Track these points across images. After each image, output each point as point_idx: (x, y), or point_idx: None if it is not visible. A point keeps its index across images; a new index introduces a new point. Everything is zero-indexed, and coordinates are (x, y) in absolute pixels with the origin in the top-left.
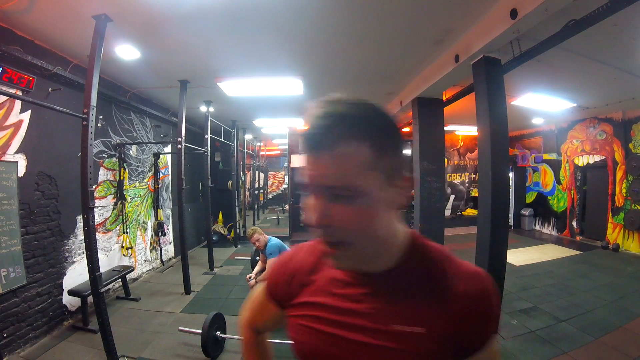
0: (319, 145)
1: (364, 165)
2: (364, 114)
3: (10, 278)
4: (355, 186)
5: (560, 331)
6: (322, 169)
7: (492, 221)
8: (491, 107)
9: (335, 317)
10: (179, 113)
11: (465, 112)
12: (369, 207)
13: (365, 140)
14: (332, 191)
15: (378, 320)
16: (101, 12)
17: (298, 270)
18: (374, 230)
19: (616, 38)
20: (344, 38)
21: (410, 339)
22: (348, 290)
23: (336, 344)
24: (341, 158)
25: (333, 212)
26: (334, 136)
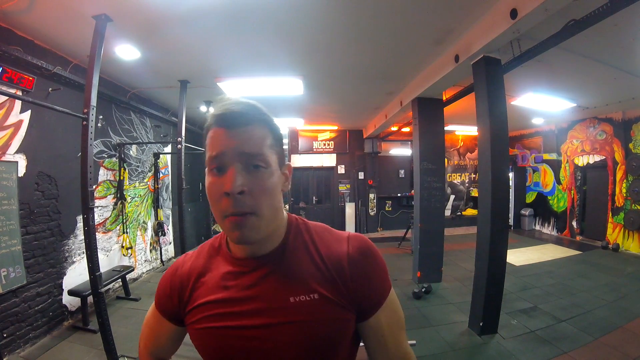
0: (238, 122)
1: (268, 144)
2: (261, 109)
3: (10, 278)
4: (266, 156)
5: (560, 331)
6: (240, 140)
7: (492, 221)
8: (491, 107)
9: (232, 308)
10: (179, 113)
11: (465, 112)
12: (272, 179)
13: (268, 126)
14: (249, 159)
15: (275, 299)
16: (101, 12)
17: (188, 276)
18: (275, 202)
19: (616, 38)
20: (344, 38)
21: (309, 308)
22: (241, 280)
23: (238, 335)
24: (255, 133)
25: (248, 180)
26: (249, 117)
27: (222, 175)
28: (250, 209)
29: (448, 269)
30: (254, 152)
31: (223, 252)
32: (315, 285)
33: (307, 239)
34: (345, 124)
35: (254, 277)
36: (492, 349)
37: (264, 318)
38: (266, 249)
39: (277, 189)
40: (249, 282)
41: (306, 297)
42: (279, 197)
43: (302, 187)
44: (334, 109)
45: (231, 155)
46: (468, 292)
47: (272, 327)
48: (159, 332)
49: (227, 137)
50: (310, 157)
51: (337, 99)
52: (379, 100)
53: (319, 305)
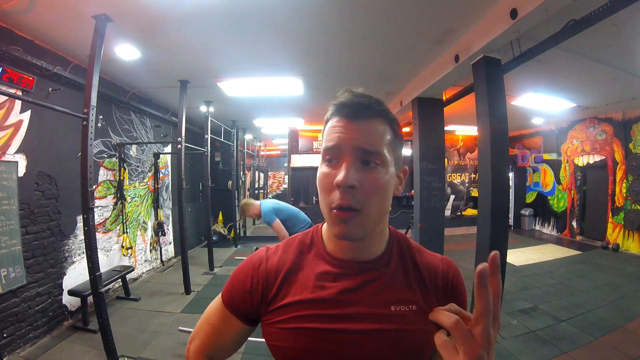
0: (359, 114)
1: (387, 142)
2: (385, 105)
3: (10, 278)
4: (383, 155)
5: (560, 331)
6: (359, 133)
7: (492, 221)
8: (491, 107)
9: (329, 311)
10: (179, 113)
11: (465, 112)
12: (385, 179)
13: (390, 124)
14: (365, 155)
15: (376, 305)
16: (101, 12)
17: (275, 272)
18: (385, 204)
19: (616, 38)
20: (344, 38)
21: (407, 318)
22: (341, 282)
23: (333, 339)
24: (376, 129)
25: (360, 175)
26: (373, 111)
27: (335, 166)
28: (358, 205)
29: None
30: (372, 149)
31: (318, 250)
32: (414, 297)
33: (407, 252)
34: None
35: (356, 281)
36: None
37: (364, 324)
38: (371, 254)
39: (388, 189)
40: (350, 286)
41: (406, 307)
42: (389, 199)
43: (302, 187)
44: None
45: (348, 148)
46: (468, 292)
47: (371, 334)
48: (223, 331)
49: (347, 128)
50: (310, 157)
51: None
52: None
53: (416, 316)
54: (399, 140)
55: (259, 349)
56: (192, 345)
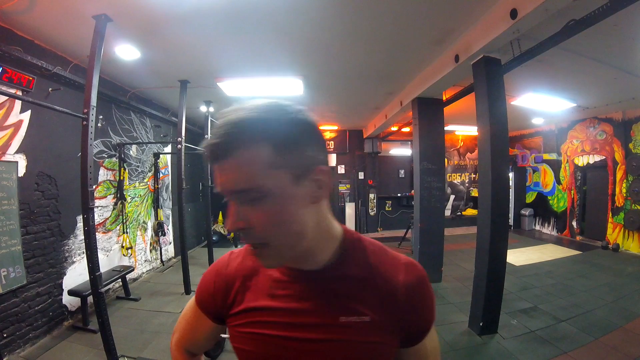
0: (220, 154)
1: (266, 165)
2: (263, 117)
3: (10, 278)
4: (259, 187)
5: (560, 331)
6: (227, 175)
7: (492, 221)
8: (491, 107)
9: (280, 318)
10: (179, 113)
11: (465, 112)
12: (279, 205)
13: (265, 141)
14: (241, 195)
15: (325, 315)
16: (101, 12)
17: (233, 278)
18: (290, 228)
19: (616, 38)
20: (344, 38)
21: (358, 329)
22: (290, 290)
23: (285, 346)
24: (242, 162)
25: (245, 214)
26: (233, 143)
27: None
28: (260, 240)
29: (448, 269)
30: (244, 188)
31: None
32: (367, 308)
33: (362, 259)
34: (345, 124)
35: (304, 290)
36: (492, 349)
37: (312, 333)
38: (317, 263)
39: (288, 213)
40: (298, 294)
41: (357, 319)
42: (296, 220)
43: None
44: (334, 109)
45: (225, 193)
46: (468, 292)
47: (320, 343)
48: (196, 327)
49: (217, 173)
50: None
51: (337, 99)
52: (379, 100)
53: (368, 327)
54: (289, 149)
55: None
56: (173, 338)
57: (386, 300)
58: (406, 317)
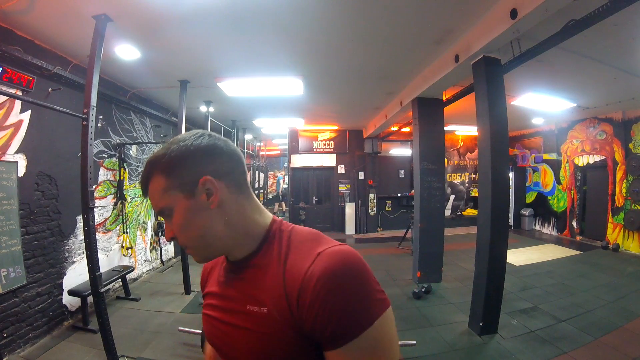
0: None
1: (162, 190)
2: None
3: (10, 278)
4: (163, 207)
5: (560, 331)
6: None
7: (492, 221)
8: (491, 107)
9: (219, 302)
10: (179, 113)
11: (465, 112)
12: (181, 216)
13: (158, 173)
14: (159, 214)
15: (240, 302)
16: (101, 12)
17: (211, 266)
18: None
19: (616, 38)
20: (344, 38)
21: (257, 319)
22: (227, 277)
23: (218, 327)
24: (151, 193)
25: (169, 227)
26: (143, 180)
27: None
28: (182, 244)
29: (448, 269)
30: (157, 210)
31: None
32: (267, 299)
33: (280, 249)
34: (345, 124)
35: (232, 278)
36: (492, 349)
37: (232, 318)
38: (240, 254)
39: (192, 223)
40: (229, 282)
41: (258, 309)
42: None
43: (302, 187)
44: (334, 109)
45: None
46: (468, 292)
47: (235, 328)
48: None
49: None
50: (310, 157)
51: (337, 99)
52: (379, 100)
53: (266, 319)
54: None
55: None
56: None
57: (286, 292)
58: (306, 315)
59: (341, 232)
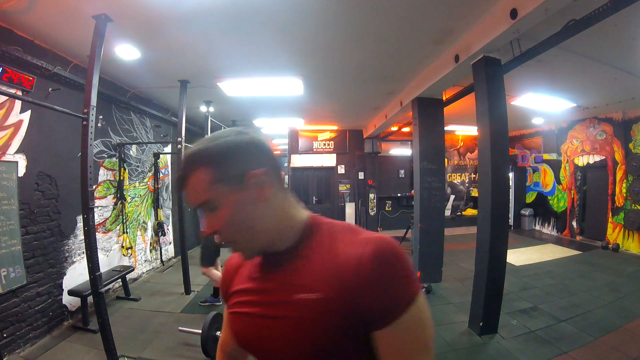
0: (182, 185)
1: (210, 182)
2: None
3: (10, 278)
4: (208, 199)
5: (560, 331)
6: (189, 195)
7: (492, 221)
8: (491, 107)
9: (253, 297)
10: (179, 113)
11: (465, 112)
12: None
13: (204, 165)
14: (201, 207)
15: (283, 293)
16: (101, 12)
17: (236, 264)
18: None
19: (616, 38)
20: (344, 38)
21: (308, 306)
22: (263, 273)
23: (256, 323)
24: (193, 185)
25: (211, 221)
26: (186, 172)
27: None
28: (227, 239)
29: (448, 269)
30: (200, 202)
31: None
32: (319, 285)
33: (324, 239)
34: (345, 124)
35: (271, 271)
36: (492, 349)
37: (272, 310)
38: (280, 247)
39: (239, 216)
40: (267, 276)
41: (306, 296)
42: (249, 218)
43: (302, 187)
44: (334, 109)
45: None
46: (468, 292)
47: (277, 320)
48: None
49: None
50: (310, 157)
51: (337, 99)
52: (379, 100)
53: (318, 305)
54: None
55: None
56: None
57: (339, 277)
58: (360, 296)
59: None
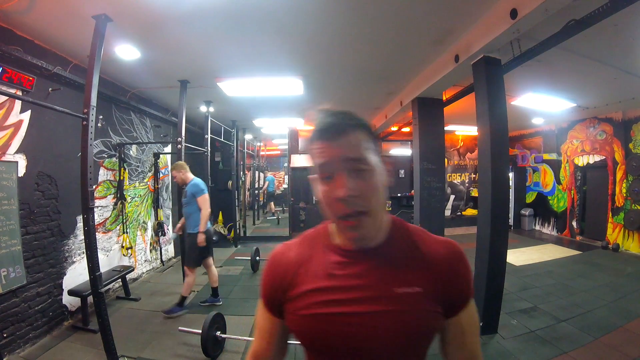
0: (337, 132)
1: (367, 146)
2: (355, 115)
3: (10, 278)
4: (365, 158)
5: (560, 331)
6: (342, 148)
7: (492, 221)
8: (491, 107)
9: (338, 296)
10: (179, 113)
11: (465, 112)
12: (376, 179)
13: (363, 129)
14: (354, 164)
15: (381, 288)
16: (101, 12)
17: (294, 263)
18: (382, 200)
19: (616, 38)
20: (344, 38)
21: (410, 299)
22: (348, 269)
23: (349, 322)
24: (354, 140)
25: (353, 184)
26: (345, 126)
27: (332, 182)
28: (363, 207)
29: None
30: (357, 157)
31: (327, 243)
32: (416, 280)
33: (407, 238)
34: None
35: (361, 268)
36: (492, 349)
37: (369, 306)
38: (372, 242)
39: (381, 186)
40: (356, 272)
41: (408, 290)
42: (384, 193)
43: (302, 187)
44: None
45: (337, 163)
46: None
47: (376, 315)
48: (267, 330)
49: (331, 148)
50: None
51: (337, 99)
52: (379, 100)
53: (418, 297)
54: (375, 142)
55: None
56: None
57: (431, 272)
58: (449, 288)
59: None
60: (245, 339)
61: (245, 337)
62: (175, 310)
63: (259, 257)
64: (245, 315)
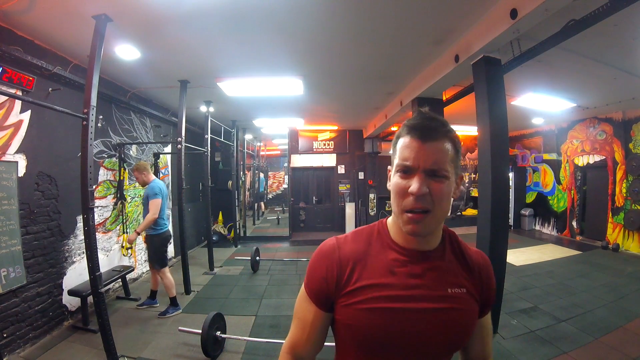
0: (429, 136)
1: (450, 158)
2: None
3: (10, 278)
4: (447, 170)
5: (560, 331)
6: (429, 153)
7: (492, 221)
8: (491, 107)
9: (399, 292)
10: (179, 113)
11: (465, 112)
12: (448, 187)
13: (453, 143)
14: (434, 170)
15: (438, 288)
16: (101, 12)
17: (347, 259)
18: (446, 208)
19: (616, 38)
20: (344, 38)
21: (460, 299)
22: (408, 268)
23: (407, 317)
24: (442, 149)
25: (431, 186)
26: (440, 134)
27: (408, 177)
28: (429, 206)
29: None
30: (439, 166)
31: (385, 241)
32: (464, 282)
33: (456, 245)
34: (345, 124)
35: (421, 267)
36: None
37: (427, 303)
38: (430, 245)
39: (450, 196)
40: (416, 271)
41: (459, 290)
42: (450, 203)
43: (302, 187)
44: (334, 109)
45: (420, 164)
46: None
47: (432, 312)
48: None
49: (420, 148)
50: (310, 157)
51: (337, 99)
52: (379, 100)
53: (466, 297)
54: (459, 155)
55: (258, 349)
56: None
57: (473, 276)
58: (484, 291)
59: (341, 232)
60: (246, 339)
61: (245, 337)
62: (170, 311)
63: (259, 257)
64: (245, 315)
